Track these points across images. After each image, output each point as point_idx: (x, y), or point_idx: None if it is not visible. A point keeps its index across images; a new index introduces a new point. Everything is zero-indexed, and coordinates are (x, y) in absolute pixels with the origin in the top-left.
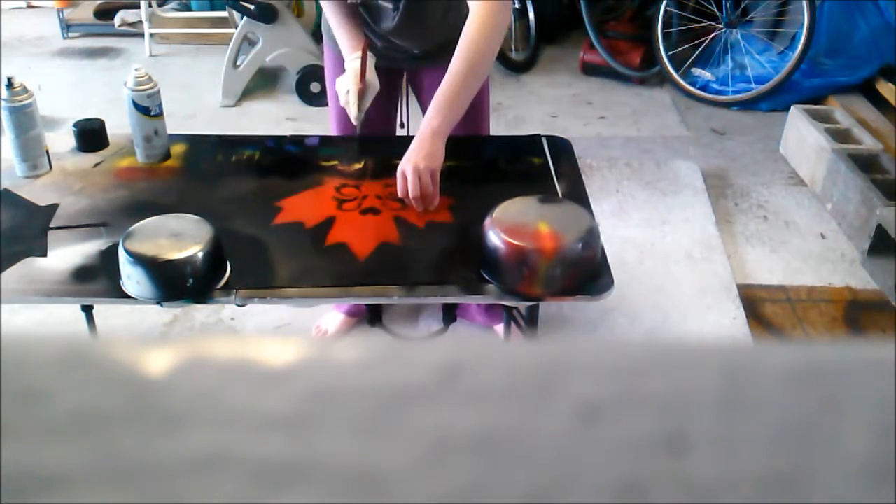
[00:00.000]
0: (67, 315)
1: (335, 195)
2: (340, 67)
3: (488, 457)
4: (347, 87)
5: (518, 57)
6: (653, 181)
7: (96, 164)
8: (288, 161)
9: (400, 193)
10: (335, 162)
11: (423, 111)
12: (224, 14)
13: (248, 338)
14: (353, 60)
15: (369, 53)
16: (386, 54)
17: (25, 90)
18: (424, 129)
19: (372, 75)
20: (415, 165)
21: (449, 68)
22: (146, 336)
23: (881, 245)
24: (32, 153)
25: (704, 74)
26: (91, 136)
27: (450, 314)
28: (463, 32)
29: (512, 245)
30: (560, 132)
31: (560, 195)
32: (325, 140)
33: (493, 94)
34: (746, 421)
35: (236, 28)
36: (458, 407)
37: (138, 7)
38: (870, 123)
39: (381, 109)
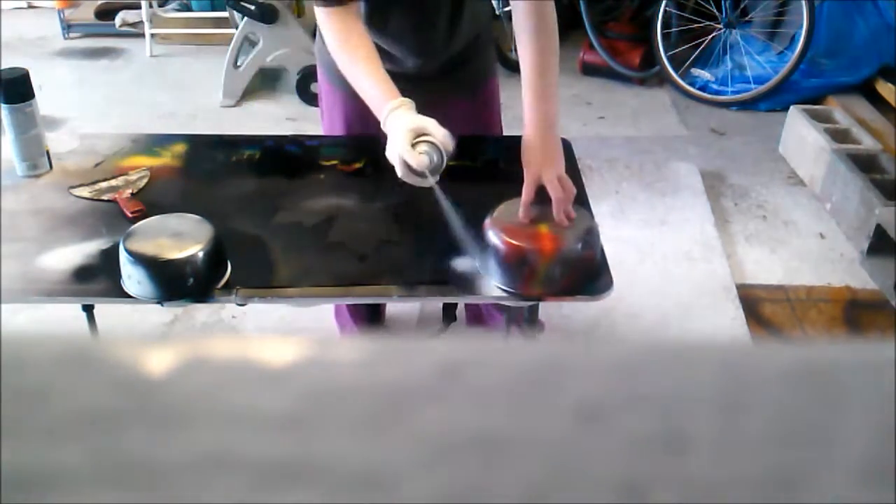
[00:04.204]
0: (68, 315)
1: (335, 194)
2: (355, 110)
3: (488, 456)
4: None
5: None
6: (652, 182)
7: (97, 164)
8: (288, 161)
9: (557, 202)
10: (335, 162)
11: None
12: (224, 14)
13: (248, 338)
14: (402, 118)
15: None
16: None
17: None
18: (541, 127)
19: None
20: (559, 174)
21: (525, 59)
22: (147, 336)
23: (880, 245)
24: (32, 153)
25: (704, 74)
26: (11, 85)
27: (450, 314)
28: (516, 24)
29: (512, 245)
30: (560, 132)
31: None
32: (324, 140)
33: None
34: (746, 421)
35: (237, 28)
36: (458, 407)
37: (139, 7)
38: (869, 123)
39: None
